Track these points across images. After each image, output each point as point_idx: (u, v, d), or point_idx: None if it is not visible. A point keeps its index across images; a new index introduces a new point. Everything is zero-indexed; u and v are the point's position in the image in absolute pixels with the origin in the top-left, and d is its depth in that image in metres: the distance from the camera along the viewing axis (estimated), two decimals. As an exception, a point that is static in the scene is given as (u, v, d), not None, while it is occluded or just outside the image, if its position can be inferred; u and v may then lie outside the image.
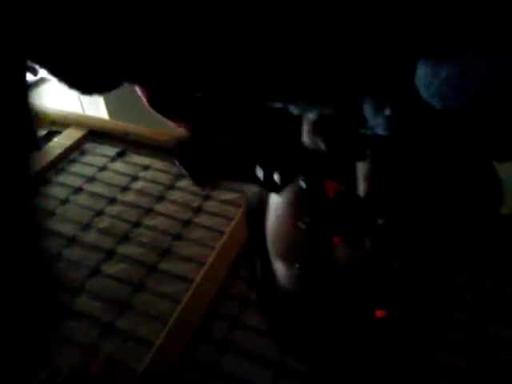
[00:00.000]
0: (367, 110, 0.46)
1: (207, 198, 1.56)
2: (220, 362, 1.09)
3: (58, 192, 1.59)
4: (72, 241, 1.40)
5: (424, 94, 0.39)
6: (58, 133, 1.84)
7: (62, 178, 1.65)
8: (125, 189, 1.61)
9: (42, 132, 1.82)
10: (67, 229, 1.44)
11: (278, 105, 0.49)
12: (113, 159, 1.74)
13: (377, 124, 0.46)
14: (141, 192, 1.59)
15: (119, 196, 1.58)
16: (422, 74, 0.39)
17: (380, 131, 0.47)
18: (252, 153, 0.60)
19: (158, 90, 0.62)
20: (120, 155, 1.76)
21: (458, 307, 1.20)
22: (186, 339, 1.12)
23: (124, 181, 1.64)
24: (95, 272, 1.30)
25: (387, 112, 0.44)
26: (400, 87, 0.43)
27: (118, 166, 1.72)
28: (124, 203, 1.55)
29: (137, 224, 1.46)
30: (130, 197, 1.57)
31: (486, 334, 1.14)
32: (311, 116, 0.53)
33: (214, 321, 1.18)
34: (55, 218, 1.49)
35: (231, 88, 0.47)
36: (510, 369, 1.07)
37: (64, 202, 1.55)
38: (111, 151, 1.77)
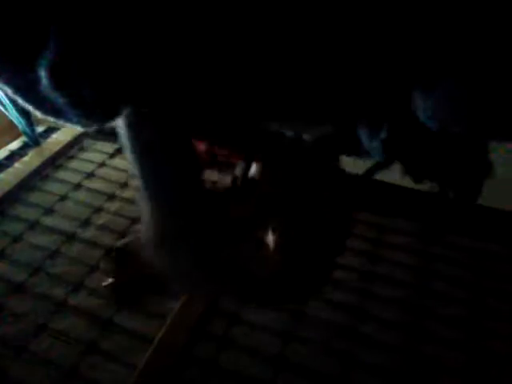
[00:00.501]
0: (362, 134, 0.46)
1: (207, 194, 1.55)
2: (219, 358, 1.09)
3: (57, 188, 1.58)
4: (71, 237, 1.40)
5: (422, 117, 0.39)
6: (57, 129, 1.83)
7: (60, 175, 1.65)
8: (124, 185, 1.60)
9: (41, 129, 1.82)
10: (66, 225, 1.44)
11: (275, 126, 0.50)
12: (112, 155, 1.74)
13: (373, 148, 0.46)
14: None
15: (118, 192, 1.57)
16: (419, 99, 0.39)
17: (376, 155, 0.47)
18: None
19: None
20: (119, 151, 1.75)
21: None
22: (186, 335, 1.12)
23: (123, 177, 1.64)
24: (94, 268, 1.30)
25: (383, 135, 0.44)
26: (394, 111, 0.43)
27: (117, 162, 1.71)
28: (123, 199, 1.54)
29: (136, 220, 1.46)
30: (129, 193, 1.57)
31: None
32: (306, 137, 0.54)
33: (213, 316, 1.18)
34: (54, 214, 1.48)
35: (230, 107, 0.47)
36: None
37: (63, 198, 1.55)
38: (110, 148, 1.77)
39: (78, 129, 0.53)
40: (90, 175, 1.64)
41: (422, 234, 1.41)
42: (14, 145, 1.74)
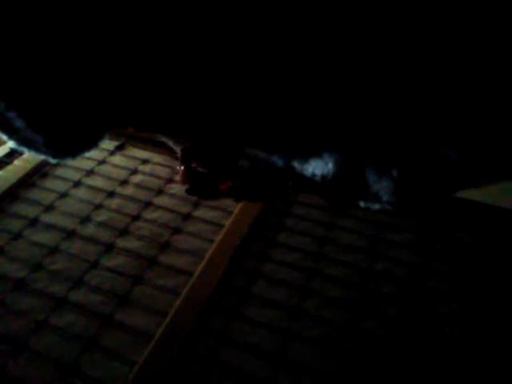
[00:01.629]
0: (370, 173, 0.42)
1: (206, 191, 1.56)
2: (219, 354, 1.09)
3: (57, 185, 1.59)
4: (71, 234, 1.40)
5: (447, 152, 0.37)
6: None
7: (61, 172, 1.65)
8: (124, 182, 1.60)
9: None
10: (67, 222, 1.44)
11: (274, 158, 0.48)
12: (112, 153, 1.74)
13: (381, 188, 0.42)
14: (140, 185, 1.59)
15: (118, 189, 1.57)
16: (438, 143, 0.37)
17: (385, 196, 0.43)
18: None
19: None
20: (119, 149, 1.76)
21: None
22: (186, 332, 1.12)
23: (123, 174, 1.64)
24: (94, 265, 1.30)
25: (394, 173, 0.40)
26: (407, 147, 0.39)
27: (117, 159, 1.71)
28: (123, 197, 1.54)
29: (136, 217, 1.46)
30: (129, 190, 1.57)
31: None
32: (307, 173, 0.49)
33: (213, 313, 1.18)
34: (54, 211, 1.48)
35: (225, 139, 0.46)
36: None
37: (63, 195, 1.55)
38: (110, 145, 1.77)
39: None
40: (90, 172, 1.65)
41: (421, 230, 1.41)
42: (14, 142, 1.74)
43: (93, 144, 0.49)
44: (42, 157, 0.49)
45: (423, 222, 1.43)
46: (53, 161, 0.49)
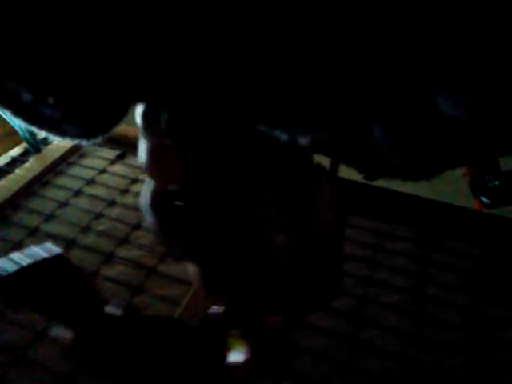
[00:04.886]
0: (378, 133, 0.41)
1: (207, 200, 1.56)
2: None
3: (57, 194, 1.59)
4: (71, 243, 1.40)
5: (451, 111, 0.36)
6: (58, 135, 1.84)
7: (61, 181, 1.65)
8: (124, 191, 1.61)
9: (42, 135, 1.82)
10: (67, 231, 1.44)
11: (275, 131, 0.46)
12: (112, 162, 1.74)
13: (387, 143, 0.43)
14: (140, 195, 1.59)
15: (119, 198, 1.58)
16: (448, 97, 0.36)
17: (395, 159, 0.43)
18: None
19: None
20: (119, 158, 1.76)
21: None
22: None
23: (123, 183, 1.64)
24: (94, 274, 1.30)
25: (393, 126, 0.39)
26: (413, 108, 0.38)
27: (118, 168, 1.72)
28: (123, 206, 1.54)
29: (136, 226, 1.46)
30: (129, 199, 1.57)
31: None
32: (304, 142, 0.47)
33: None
34: (54, 220, 1.48)
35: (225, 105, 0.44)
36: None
37: (63, 204, 1.55)
38: (111, 154, 1.77)
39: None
40: (91, 181, 1.65)
41: (421, 239, 1.41)
42: (16, 151, 1.75)
43: (121, 113, 0.45)
44: (75, 141, 0.45)
45: (422, 231, 1.43)
46: (86, 143, 0.45)
